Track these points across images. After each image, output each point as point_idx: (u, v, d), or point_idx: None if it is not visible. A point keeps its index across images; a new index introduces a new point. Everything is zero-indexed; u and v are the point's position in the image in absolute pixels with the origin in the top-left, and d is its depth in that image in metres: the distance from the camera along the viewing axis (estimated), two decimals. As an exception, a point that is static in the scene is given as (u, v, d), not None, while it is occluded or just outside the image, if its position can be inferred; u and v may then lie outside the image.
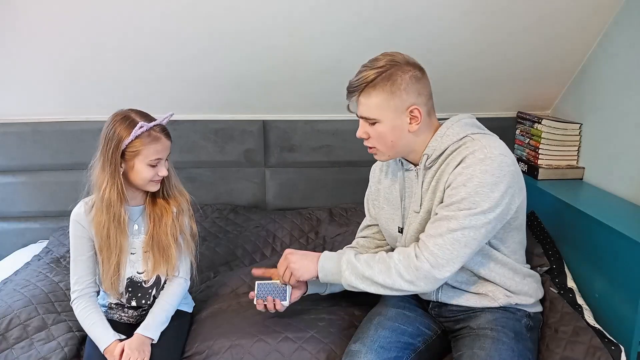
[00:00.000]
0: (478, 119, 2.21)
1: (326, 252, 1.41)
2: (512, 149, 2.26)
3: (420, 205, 1.36)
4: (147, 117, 1.44)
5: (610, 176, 1.85)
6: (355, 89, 1.29)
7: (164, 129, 1.44)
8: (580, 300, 1.57)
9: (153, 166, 1.42)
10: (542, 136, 2.02)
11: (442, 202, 1.29)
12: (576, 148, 2.04)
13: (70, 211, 1.48)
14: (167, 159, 1.48)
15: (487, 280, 1.38)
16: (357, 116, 1.33)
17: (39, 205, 2.26)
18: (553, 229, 1.82)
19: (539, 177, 2.00)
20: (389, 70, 1.27)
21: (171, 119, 1.47)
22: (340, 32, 1.86)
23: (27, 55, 1.92)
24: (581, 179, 2.01)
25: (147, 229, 1.51)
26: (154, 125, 1.41)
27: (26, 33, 1.84)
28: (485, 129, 1.38)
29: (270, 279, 1.48)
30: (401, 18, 1.81)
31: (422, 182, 1.35)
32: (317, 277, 1.38)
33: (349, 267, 1.33)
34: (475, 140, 1.28)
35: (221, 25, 1.83)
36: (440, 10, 1.79)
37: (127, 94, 2.10)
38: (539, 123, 2.05)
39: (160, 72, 2.02)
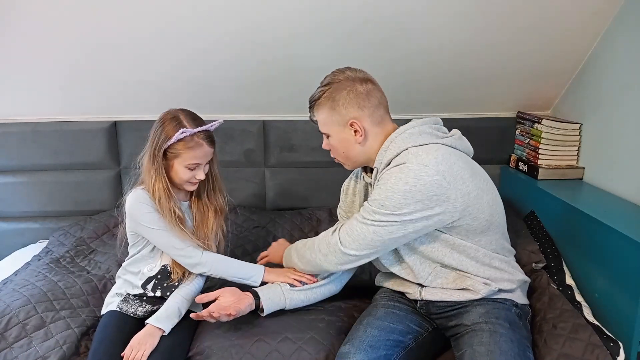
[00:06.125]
0: (479, 119, 2.26)
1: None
2: (512, 149, 2.26)
3: None
4: (196, 121, 1.48)
5: (610, 176, 1.85)
6: (309, 107, 1.44)
7: (208, 135, 1.49)
8: (579, 297, 1.57)
9: (191, 169, 1.47)
10: (542, 136, 2.02)
11: None
12: (576, 148, 2.04)
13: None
14: (210, 163, 1.53)
15: (464, 273, 1.40)
16: None
17: (39, 205, 2.26)
18: (553, 229, 1.81)
19: (539, 177, 2.00)
20: (330, 88, 1.38)
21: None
22: (340, 30, 1.86)
23: (27, 55, 1.92)
24: (581, 179, 2.01)
25: (191, 226, 1.56)
26: (199, 131, 1.45)
27: (26, 33, 1.84)
28: (434, 136, 1.37)
29: None
30: (401, 17, 1.81)
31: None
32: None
33: (295, 254, 1.54)
34: (410, 153, 1.31)
35: (221, 25, 1.83)
36: (440, 10, 1.79)
37: (126, 94, 2.10)
38: (539, 123, 2.05)
39: (160, 73, 2.02)
